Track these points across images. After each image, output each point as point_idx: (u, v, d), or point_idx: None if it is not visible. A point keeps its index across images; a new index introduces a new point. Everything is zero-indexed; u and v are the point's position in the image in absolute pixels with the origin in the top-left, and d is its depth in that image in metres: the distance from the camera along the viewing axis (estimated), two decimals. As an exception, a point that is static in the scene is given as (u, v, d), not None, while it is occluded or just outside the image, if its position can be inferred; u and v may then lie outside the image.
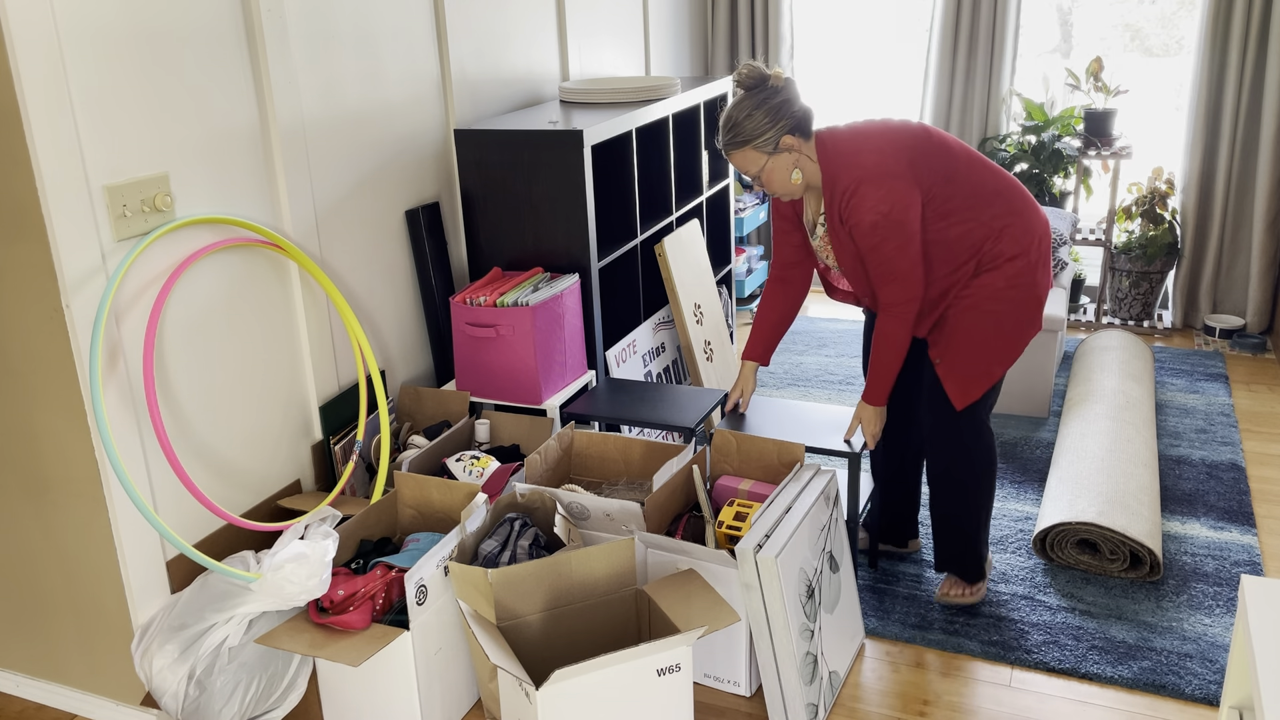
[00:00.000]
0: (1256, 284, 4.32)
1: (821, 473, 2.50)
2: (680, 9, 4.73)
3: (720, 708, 2.33)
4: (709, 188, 4.04)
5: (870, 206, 2.25)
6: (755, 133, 2.28)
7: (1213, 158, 4.34)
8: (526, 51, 3.49)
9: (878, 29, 5.18)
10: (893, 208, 2.25)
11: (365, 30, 2.71)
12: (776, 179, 2.34)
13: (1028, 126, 4.57)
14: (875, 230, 2.26)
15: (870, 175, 2.26)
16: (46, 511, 2.22)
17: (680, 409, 2.85)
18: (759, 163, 2.32)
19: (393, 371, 2.98)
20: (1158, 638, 2.49)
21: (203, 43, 2.23)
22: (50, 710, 2.41)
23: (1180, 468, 3.30)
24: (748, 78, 2.30)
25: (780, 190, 2.37)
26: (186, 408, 2.27)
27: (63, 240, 1.95)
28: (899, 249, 2.27)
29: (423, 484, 2.41)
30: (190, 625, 2.11)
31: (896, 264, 2.29)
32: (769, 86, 2.30)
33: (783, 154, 2.31)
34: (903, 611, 2.63)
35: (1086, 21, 4.97)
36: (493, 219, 3.06)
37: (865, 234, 2.28)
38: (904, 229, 2.26)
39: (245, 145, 2.37)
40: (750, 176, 2.36)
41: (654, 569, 2.35)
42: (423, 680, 2.15)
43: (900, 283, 2.30)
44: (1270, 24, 4.07)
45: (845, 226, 2.33)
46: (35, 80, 1.87)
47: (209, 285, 2.31)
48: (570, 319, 2.94)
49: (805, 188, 2.39)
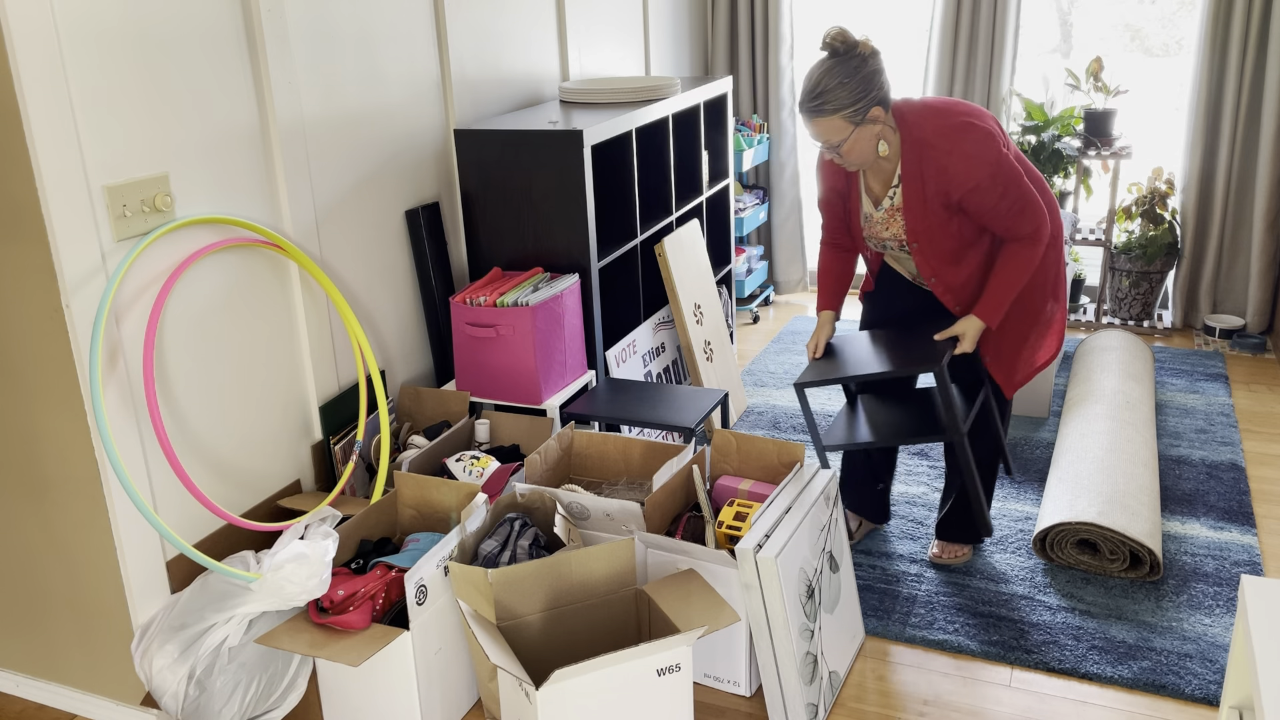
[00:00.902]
0: (1256, 284, 4.32)
1: (822, 473, 2.50)
2: (680, 9, 4.73)
3: (720, 708, 2.33)
4: (709, 188, 4.04)
5: (982, 160, 2.29)
6: (846, 102, 2.25)
7: (1213, 158, 4.34)
8: (526, 51, 3.49)
9: (878, 29, 5.18)
10: (999, 155, 2.31)
11: (365, 30, 2.71)
12: (859, 150, 2.33)
13: (1028, 126, 4.57)
14: (995, 181, 2.31)
15: (966, 135, 2.30)
16: (46, 511, 2.22)
17: (680, 409, 2.85)
18: (844, 132, 2.30)
19: (393, 371, 2.98)
20: (1158, 638, 2.49)
21: (203, 43, 2.23)
22: (50, 710, 2.41)
23: (1180, 468, 3.30)
24: (838, 41, 2.26)
25: (860, 162, 2.36)
26: (186, 408, 2.27)
27: (63, 240, 1.95)
28: (1018, 184, 2.34)
29: (423, 484, 2.41)
30: (190, 625, 2.11)
31: (1022, 198, 2.34)
32: (858, 54, 2.26)
33: (869, 125, 2.30)
34: (903, 611, 2.63)
35: (1086, 21, 4.97)
36: (493, 219, 3.06)
37: (986, 190, 2.32)
38: (1013, 167, 2.33)
39: (245, 145, 2.37)
40: (830, 146, 2.33)
41: (654, 569, 2.35)
42: (423, 680, 2.15)
43: (1032, 210, 2.36)
44: (1270, 24, 4.07)
45: (945, 192, 2.35)
46: (35, 80, 1.87)
47: (209, 285, 2.31)
48: (570, 319, 2.94)
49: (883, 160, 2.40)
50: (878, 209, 2.47)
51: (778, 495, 2.36)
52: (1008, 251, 2.41)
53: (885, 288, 2.72)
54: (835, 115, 2.27)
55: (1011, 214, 2.35)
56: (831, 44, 2.26)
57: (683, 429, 2.75)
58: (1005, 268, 2.41)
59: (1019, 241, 2.40)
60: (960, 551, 2.84)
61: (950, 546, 2.84)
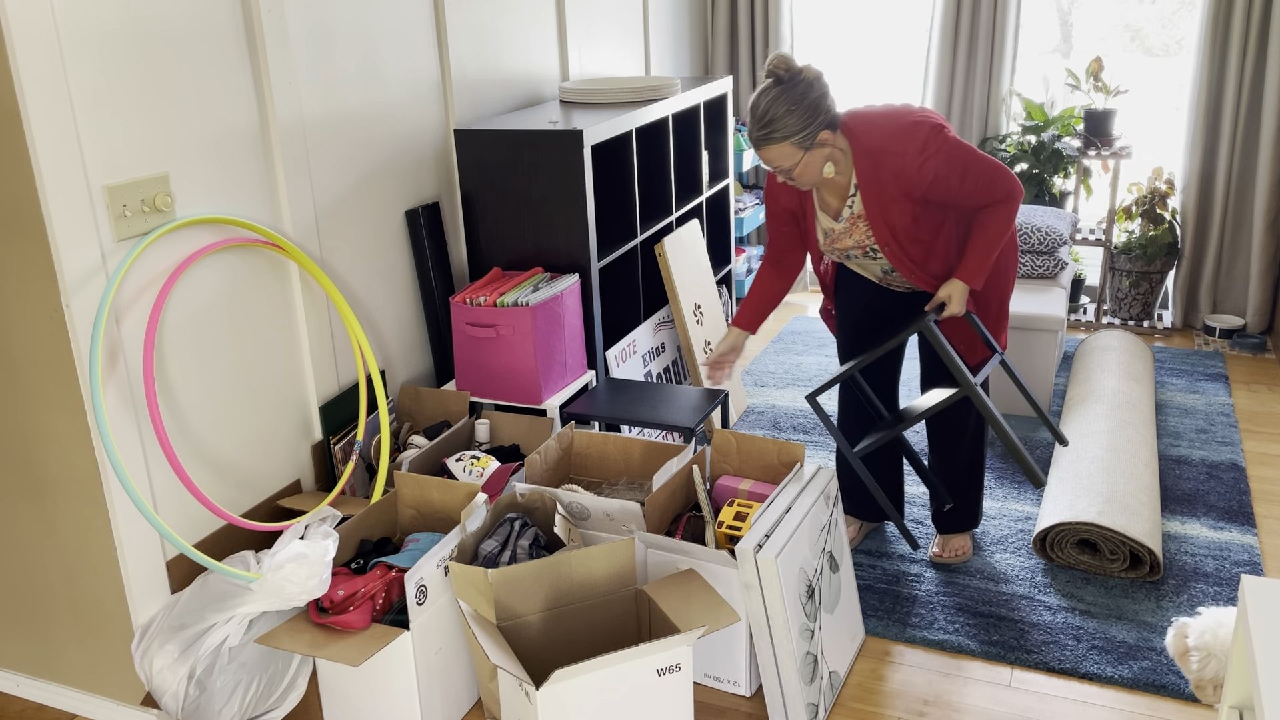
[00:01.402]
0: (1256, 284, 4.32)
1: (822, 472, 2.50)
2: (680, 9, 4.73)
3: (720, 708, 2.33)
4: (709, 188, 4.04)
5: (935, 153, 2.33)
6: (795, 129, 2.27)
7: (1213, 158, 4.34)
8: (526, 51, 3.49)
9: (878, 29, 5.18)
10: (949, 142, 2.34)
11: (365, 30, 2.71)
12: (809, 173, 2.36)
13: (1028, 126, 4.57)
14: (952, 166, 2.34)
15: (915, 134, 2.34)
16: (47, 511, 2.22)
17: (680, 409, 2.85)
18: (795, 158, 2.32)
19: (393, 371, 2.98)
20: (1158, 638, 2.49)
21: (203, 43, 2.23)
22: (50, 710, 2.41)
23: (1180, 468, 3.30)
24: (781, 68, 2.27)
25: (810, 183, 2.39)
26: (186, 408, 2.27)
27: (63, 240, 1.95)
28: (975, 160, 2.36)
29: (423, 484, 2.41)
30: (190, 625, 2.11)
31: (984, 170, 2.37)
32: (802, 79, 2.28)
33: (819, 149, 2.32)
34: (903, 611, 2.63)
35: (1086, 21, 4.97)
36: (493, 219, 3.06)
37: (947, 177, 2.35)
38: (965, 146, 2.37)
39: (245, 145, 2.37)
40: (780, 170, 2.35)
41: (654, 569, 2.35)
42: (423, 680, 2.15)
43: (998, 176, 2.38)
44: (1270, 24, 4.07)
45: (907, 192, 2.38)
46: (35, 80, 1.87)
47: (209, 285, 2.31)
48: (570, 319, 2.94)
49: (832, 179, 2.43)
50: (838, 221, 2.50)
51: (778, 495, 2.36)
52: (985, 215, 2.44)
53: (850, 295, 2.73)
54: (785, 142, 2.29)
55: (980, 187, 2.39)
56: (775, 71, 2.29)
57: (683, 429, 2.75)
58: (985, 229, 2.44)
59: (995, 205, 2.44)
60: (961, 548, 2.84)
61: (951, 541, 2.84)
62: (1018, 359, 3.68)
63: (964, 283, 2.47)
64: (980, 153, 2.39)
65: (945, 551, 2.83)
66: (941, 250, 2.50)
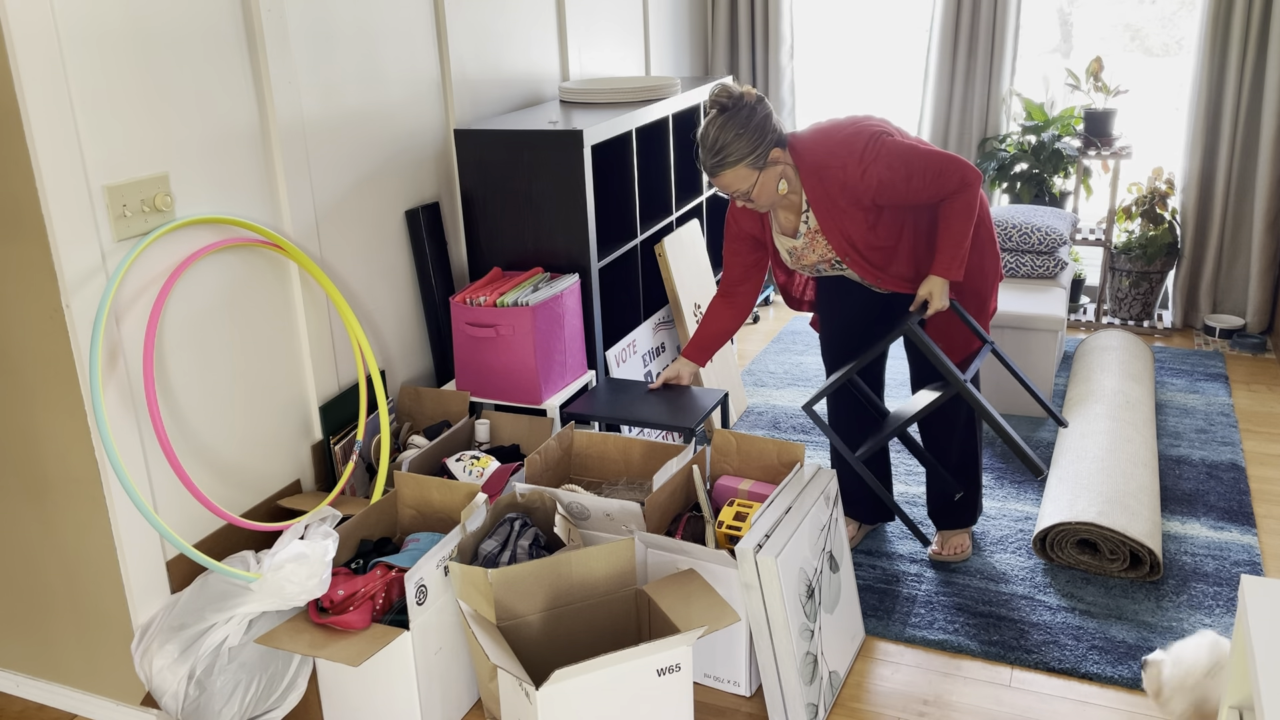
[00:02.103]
0: (1256, 284, 4.32)
1: (822, 473, 2.50)
2: (680, 9, 4.73)
3: (720, 708, 2.33)
4: (709, 188, 4.04)
5: (876, 159, 2.35)
6: (746, 151, 2.34)
7: (1213, 158, 4.34)
8: (526, 51, 3.49)
9: (878, 29, 5.18)
10: (888, 145, 2.36)
11: (365, 30, 2.71)
12: (766, 192, 2.42)
13: (1028, 126, 4.57)
14: (894, 169, 2.35)
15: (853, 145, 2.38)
16: (46, 511, 2.22)
17: (680, 409, 2.85)
18: (750, 180, 2.38)
19: (393, 371, 2.98)
20: (1158, 638, 2.49)
21: (203, 43, 2.23)
22: (50, 710, 2.41)
23: (1180, 468, 3.30)
24: (724, 96, 2.36)
25: (768, 203, 2.45)
26: (186, 408, 2.27)
27: (62, 240, 1.95)
28: (919, 156, 2.37)
29: (423, 484, 2.41)
30: (190, 625, 2.11)
31: (931, 164, 2.37)
32: (745, 104, 2.36)
33: (771, 167, 2.39)
34: (903, 611, 2.63)
35: (1086, 21, 4.97)
36: (493, 219, 3.06)
37: (892, 180, 2.36)
38: (906, 145, 2.38)
39: (245, 145, 2.37)
40: (739, 194, 2.42)
41: (654, 569, 2.35)
42: (423, 680, 2.15)
43: (948, 166, 2.38)
44: (1270, 24, 4.07)
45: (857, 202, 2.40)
46: (35, 80, 1.87)
47: (209, 285, 2.31)
48: (570, 319, 2.94)
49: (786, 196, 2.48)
50: (797, 238, 2.54)
51: (778, 495, 2.36)
52: (945, 208, 2.45)
53: (831, 300, 2.75)
54: (739, 165, 2.35)
55: (930, 183, 2.39)
56: (719, 100, 2.36)
57: (683, 429, 2.75)
58: (950, 223, 2.45)
59: (952, 196, 2.44)
60: (961, 546, 2.84)
61: (951, 538, 2.85)
62: (1018, 359, 3.68)
63: (942, 278, 2.48)
64: (925, 148, 2.40)
65: (945, 549, 2.83)
66: (906, 253, 2.51)
